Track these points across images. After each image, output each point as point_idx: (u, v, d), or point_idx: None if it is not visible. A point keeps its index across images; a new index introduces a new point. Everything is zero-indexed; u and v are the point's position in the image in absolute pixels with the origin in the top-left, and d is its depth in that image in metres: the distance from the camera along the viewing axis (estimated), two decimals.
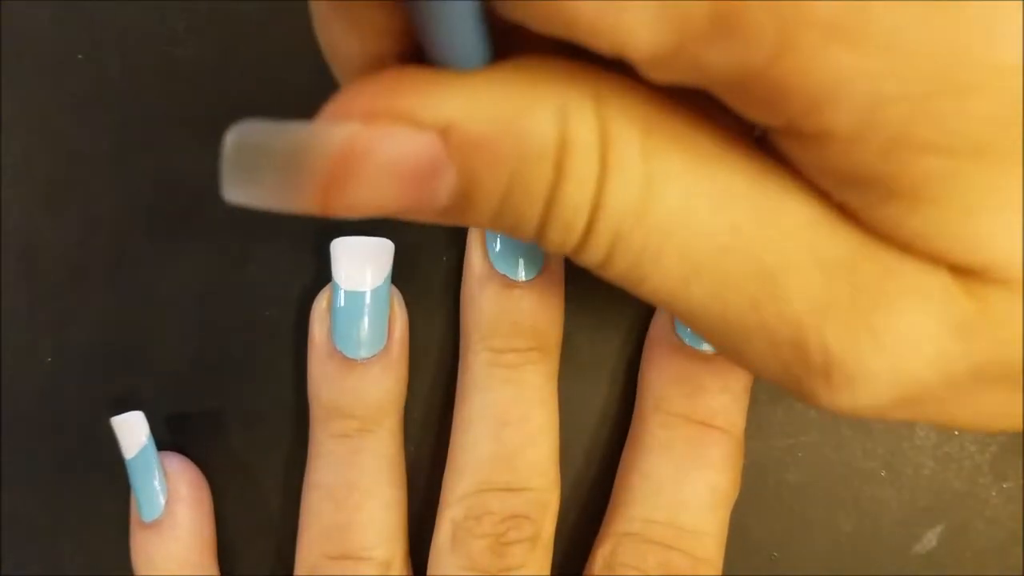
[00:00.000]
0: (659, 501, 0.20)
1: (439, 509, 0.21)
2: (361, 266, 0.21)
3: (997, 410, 0.14)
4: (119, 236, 0.24)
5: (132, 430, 0.22)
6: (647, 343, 0.22)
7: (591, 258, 0.13)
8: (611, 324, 0.23)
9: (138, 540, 0.22)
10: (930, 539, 0.22)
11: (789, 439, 0.23)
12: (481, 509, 0.20)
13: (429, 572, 0.21)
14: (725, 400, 0.21)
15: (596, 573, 0.21)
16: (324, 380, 0.21)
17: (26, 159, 0.24)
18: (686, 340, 0.21)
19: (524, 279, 0.21)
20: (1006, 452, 0.22)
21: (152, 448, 0.22)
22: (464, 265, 0.22)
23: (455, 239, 0.23)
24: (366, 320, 0.21)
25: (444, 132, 0.12)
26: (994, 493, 0.22)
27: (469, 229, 0.22)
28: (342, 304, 0.21)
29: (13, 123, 0.24)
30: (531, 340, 0.21)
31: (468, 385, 0.22)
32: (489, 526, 0.20)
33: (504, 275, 0.21)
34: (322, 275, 0.22)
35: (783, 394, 0.23)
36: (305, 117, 0.23)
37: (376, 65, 0.13)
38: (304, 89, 0.23)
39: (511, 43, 0.12)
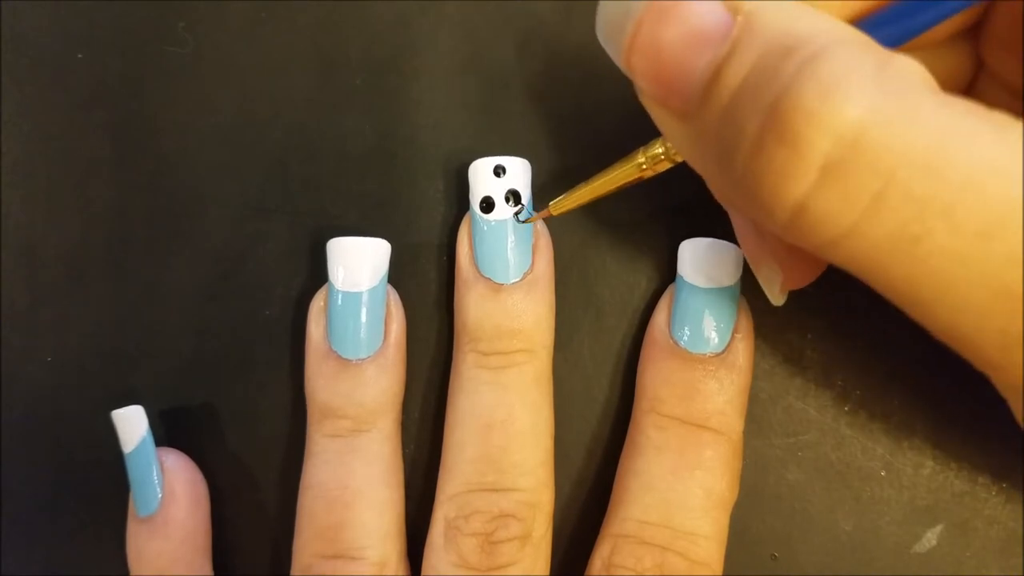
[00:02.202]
0: (653, 502, 0.21)
1: (433, 507, 0.21)
2: (357, 267, 0.21)
3: None
4: (119, 236, 0.24)
5: (132, 424, 0.22)
6: (644, 344, 0.22)
7: (846, 204, 0.13)
8: (612, 324, 0.23)
9: (132, 534, 0.22)
10: (930, 538, 0.22)
11: (789, 438, 0.23)
12: (469, 508, 0.21)
13: (424, 568, 0.21)
14: (720, 402, 0.21)
15: (595, 574, 0.21)
16: (320, 380, 0.21)
17: (26, 159, 0.24)
18: (682, 342, 0.21)
19: (509, 282, 0.21)
20: (1006, 452, 0.22)
21: (150, 443, 0.22)
22: (455, 268, 0.22)
23: (453, 240, 0.23)
24: (362, 321, 0.21)
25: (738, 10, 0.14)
26: (994, 492, 0.22)
27: (458, 232, 0.22)
28: (338, 304, 0.21)
29: (13, 123, 0.24)
30: (516, 342, 0.21)
31: (456, 387, 0.22)
32: (478, 525, 0.20)
33: (488, 278, 0.21)
34: (321, 275, 0.22)
35: (783, 393, 0.23)
36: (304, 116, 0.24)
37: None
38: (304, 89, 0.23)
39: None
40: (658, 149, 0.18)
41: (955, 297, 0.13)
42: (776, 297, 0.20)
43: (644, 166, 0.19)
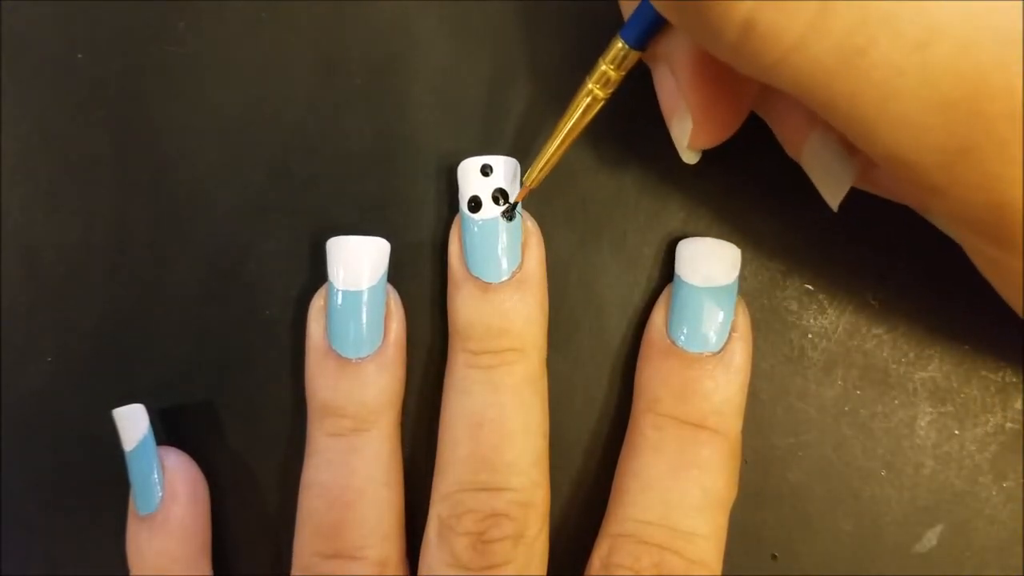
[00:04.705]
0: (651, 502, 0.20)
1: (429, 506, 0.21)
2: (357, 265, 0.21)
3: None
4: (119, 236, 0.24)
5: (133, 422, 0.22)
6: (642, 344, 0.22)
7: (792, 17, 0.13)
8: (612, 324, 0.23)
9: (132, 532, 0.22)
10: (930, 538, 0.22)
11: (789, 438, 0.23)
12: (461, 507, 0.21)
13: (420, 567, 0.21)
14: (717, 401, 0.21)
15: (593, 574, 0.21)
16: (320, 379, 0.21)
17: (26, 159, 0.24)
18: (679, 342, 0.21)
19: (498, 280, 0.21)
20: (1006, 451, 0.22)
21: (151, 441, 0.22)
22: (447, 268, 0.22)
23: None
24: (361, 319, 0.21)
25: None
26: (994, 492, 0.22)
27: (450, 232, 0.22)
28: (338, 303, 0.21)
29: (13, 123, 0.24)
30: (506, 341, 0.21)
31: (449, 386, 0.22)
32: (470, 524, 0.20)
33: (478, 277, 0.21)
34: (321, 274, 0.22)
35: (784, 393, 0.23)
36: (304, 116, 0.24)
37: None
38: (304, 89, 0.23)
39: None
40: (601, 68, 0.19)
41: (895, 111, 0.13)
42: (687, 154, 0.20)
43: (593, 89, 0.19)
